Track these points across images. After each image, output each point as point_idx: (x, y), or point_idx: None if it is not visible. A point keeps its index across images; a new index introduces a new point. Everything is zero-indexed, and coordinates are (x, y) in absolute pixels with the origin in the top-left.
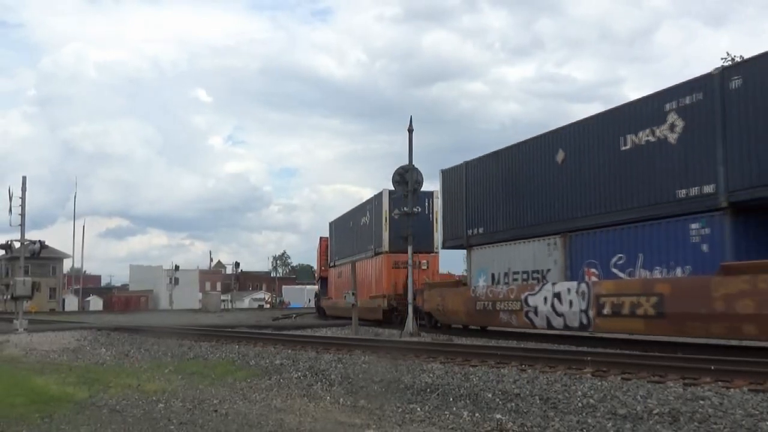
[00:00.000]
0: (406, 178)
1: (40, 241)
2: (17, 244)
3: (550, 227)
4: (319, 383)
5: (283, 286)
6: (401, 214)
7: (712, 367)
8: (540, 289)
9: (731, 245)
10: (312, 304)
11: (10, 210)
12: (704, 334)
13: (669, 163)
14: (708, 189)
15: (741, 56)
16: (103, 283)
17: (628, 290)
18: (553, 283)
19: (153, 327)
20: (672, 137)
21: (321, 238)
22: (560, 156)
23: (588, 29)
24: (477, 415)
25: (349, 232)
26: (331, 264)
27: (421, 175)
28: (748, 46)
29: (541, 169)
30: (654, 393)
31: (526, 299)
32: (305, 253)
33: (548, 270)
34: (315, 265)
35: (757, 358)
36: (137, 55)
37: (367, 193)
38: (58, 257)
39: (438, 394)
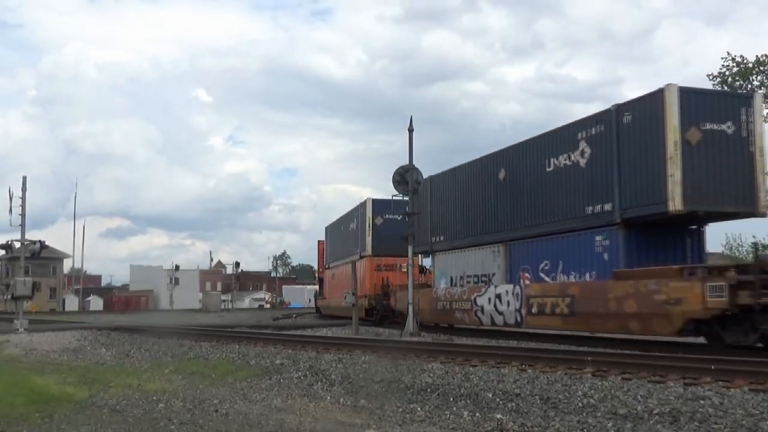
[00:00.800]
0: (407, 178)
1: (40, 241)
2: (17, 244)
3: (495, 236)
4: (319, 383)
5: (284, 286)
6: (384, 221)
7: (713, 367)
8: (485, 291)
9: (623, 254)
10: (312, 304)
11: (11, 210)
12: (603, 330)
13: (580, 183)
14: (607, 207)
15: (741, 56)
16: (104, 283)
17: (549, 292)
18: (496, 286)
19: (153, 327)
20: (582, 162)
21: (319, 241)
22: (502, 174)
23: (588, 29)
24: (477, 415)
25: (340, 237)
26: (326, 266)
27: (421, 175)
28: (749, 46)
29: (488, 185)
30: (654, 393)
31: (475, 299)
32: (305, 253)
33: (493, 274)
34: (316, 266)
35: (758, 358)
36: (138, 55)
37: (367, 193)
38: (58, 257)
39: (438, 394)
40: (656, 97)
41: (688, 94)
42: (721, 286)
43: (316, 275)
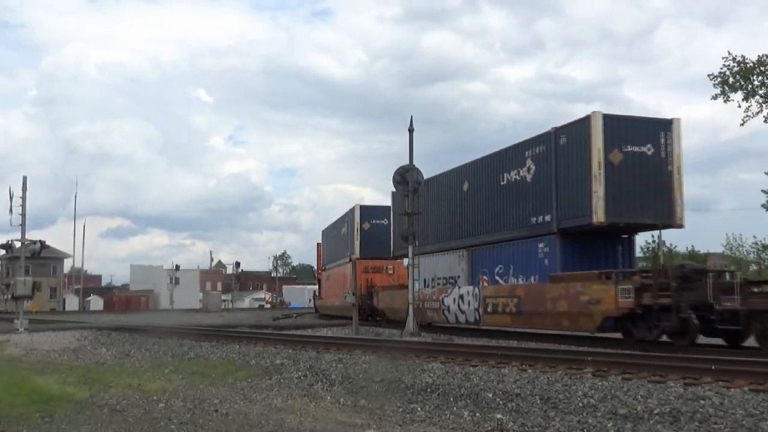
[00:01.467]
0: (407, 177)
1: (40, 240)
2: (18, 244)
3: (460, 242)
4: (319, 383)
5: (284, 286)
6: (371, 225)
7: (713, 367)
8: (451, 292)
9: (560, 260)
10: (312, 304)
11: (11, 210)
12: (542, 326)
13: (527, 196)
14: (547, 218)
15: (742, 56)
16: (104, 282)
17: (501, 293)
18: (459, 287)
19: (154, 327)
20: (529, 177)
21: (318, 243)
22: (466, 186)
23: (588, 29)
24: (478, 414)
25: (334, 240)
26: (323, 268)
27: (421, 174)
28: (749, 46)
29: (454, 196)
30: (654, 393)
31: (442, 300)
32: (306, 253)
33: (458, 276)
34: (315, 266)
35: (758, 359)
36: (138, 56)
37: (367, 193)
38: (58, 257)
39: (438, 394)
40: (585, 122)
41: (611, 120)
42: (629, 289)
43: (316, 276)
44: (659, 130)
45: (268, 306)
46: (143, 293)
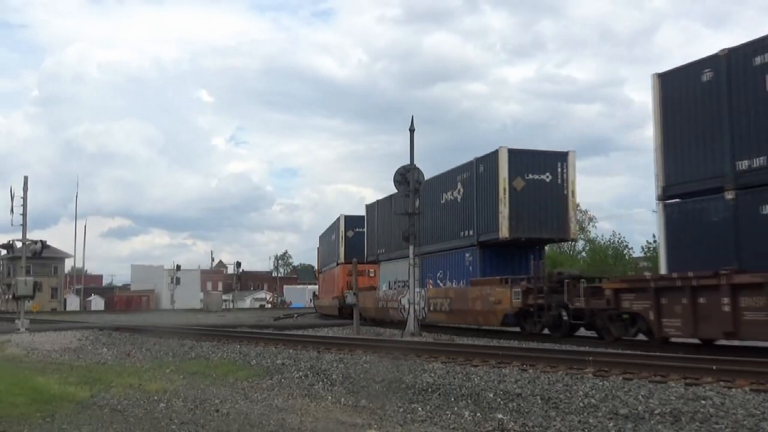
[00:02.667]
0: (408, 177)
1: (41, 240)
2: (19, 244)
3: (414, 251)
4: (320, 383)
5: (285, 286)
6: (354, 233)
7: (714, 367)
8: (406, 294)
9: (480, 268)
10: (313, 303)
11: (12, 210)
12: (465, 322)
13: (457, 214)
14: (471, 233)
15: None
16: (105, 282)
17: (439, 295)
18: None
19: (154, 327)
20: (459, 198)
21: (318, 247)
22: (417, 203)
23: (588, 30)
24: (478, 414)
25: (326, 246)
26: (320, 270)
27: (422, 174)
28: None
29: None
30: (655, 393)
31: (400, 300)
32: (306, 253)
33: (402, 282)
34: (316, 267)
35: (759, 358)
36: (139, 56)
37: (368, 193)
38: (59, 257)
39: (439, 394)
40: (495, 155)
41: (515, 153)
42: (518, 292)
43: (316, 277)
44: (557, 160)
45: (269, 306)
46: (144, 293)
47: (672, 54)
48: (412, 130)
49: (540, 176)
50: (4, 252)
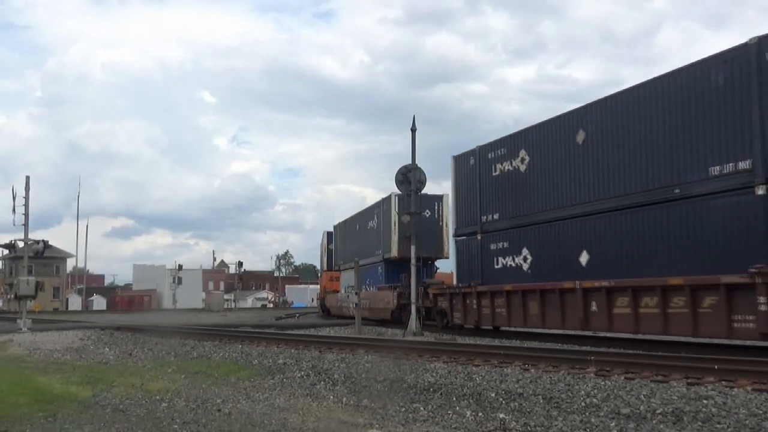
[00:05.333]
0: (409, 177)
1: (43, 240)
2: (21, 244)
3: (360, 263)
4: (322, 382)
5: (287, 286)
6: (331, 244)
7: (716, 367)
8: (351, 296)
9: (385, 277)
10: (315, 303)
11: (14, 210)
12: (375, 317)
13: (374, 238)
14: (379, 252)
15: None
16: (107, 282)
17: (366, 297)
18: (355, 293)
19: (156, 326)
20: (375, 226)
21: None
22: (357, 227)
23: (589, 31)
24: (480, 414)
25: (322, 252)
26: (319, 273)
27: (424, 174)
28: None
29: (354, 233)
30: (657, 392)
31: (349, 300)
32: (308, 253)
33: (353, 286)
34: (319, 266)
35: (761, 358)
36: (142, 56)
37: (369, 193)
38: (61, 257)
39: (441, 394)
40: (389, 198)
41: (402, 197)
42: (395, 295)
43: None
44: (435, 201)
45: (271, 306)
46: (146, 293)
47: (672, 54)
48: (413, 130)
49: (421, 213)
50: (6, 252)
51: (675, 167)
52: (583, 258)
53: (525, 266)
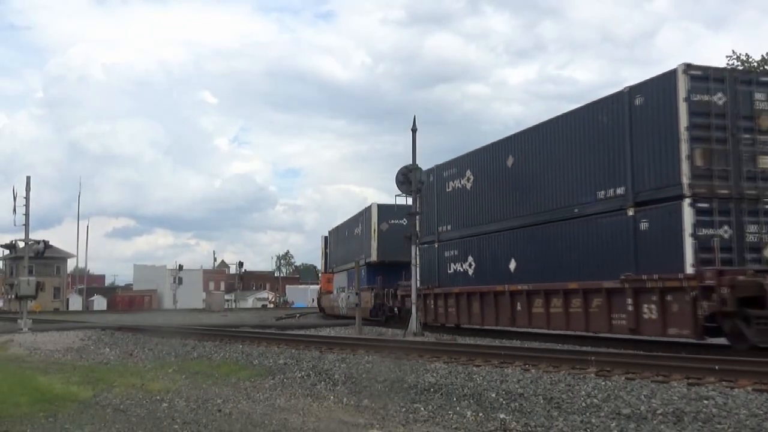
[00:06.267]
0: (410, 177)
1: (44, 240)
2: (21, 244)
3: (344, 266)
4: (322, 383)
5: (287, 286)
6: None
7: (716, 367)
8: (339, 296)
9: (367, 279)
10: (315, 303)
11: (14, 210)
12: (363, 314)
13: (359, 244)
14: (363, 257)
15: (747, 54)
16: (107, 282)
17: (350, 296)
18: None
19: (157, 327)
20: (360, 233)
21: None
22: (346, 233)
23: (590, 32)
24: (480, 414)
25: (321, 255)
26: (319, 274)
27: (425, 174)
28: (749, 48)
29: (344, 240)
30: (658, 393)
31: (338, 300)
32: (309, 253)
33: (344, 287)
34: (320, 266)
35: (762, 358)
36: (144, 57)
37: (371, 194)
38: (62, 257)
39: (442, 394)
40: (369, 210)
41: (383, 207)
42: (373, 295)
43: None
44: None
45: (271, 306)
46: (147, 293)
47: (673, 55)
48: (414, 130)
49: (399, 221)
50: (7, 252)
51: (575, 190)
52: (512, 265)
53: (470, 271)
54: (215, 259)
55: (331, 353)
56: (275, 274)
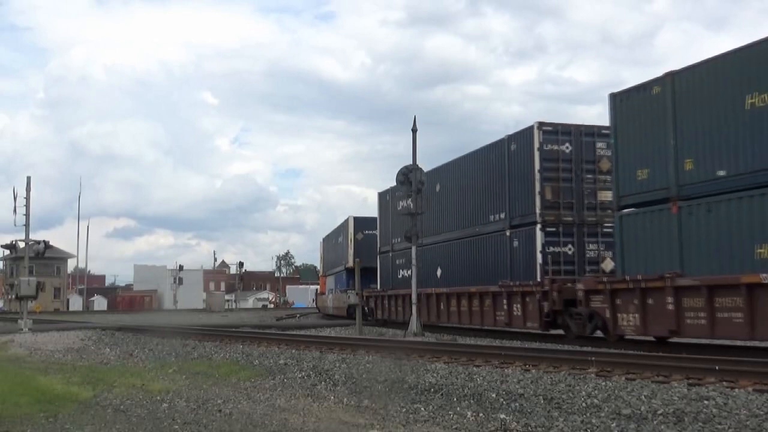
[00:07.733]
0: (410, 177)
1: (44, 241)
2: (22, 244)
3: (334, 270)
4: (322, 383)
5: (287, 286)
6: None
7: (717, 368)
8: (328, 296)
9: (346, 282)
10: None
11: (15, 210)
12: (339, 314)
13: (341, 251)
14: (343, 262)
15: None
16: (108, 282)
17: (335, 297)
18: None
19: (157, 327)
20: (342, 241)
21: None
22: (334, 241)
23: (590, 33)
24: (481, 415)
25: (320, 259)
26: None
27: (425, 174)
28: None
29: (332, 247)
30: (658, 393)
31: (327, 301)
32: (309, 253)
33: (332, 289)
34: (319, 267)
35: (762, 359)
36: (145, 58)
37: (371, 194)
38: (62, 257)
39: (442, 394)
40: (347, 221)
41: (357, 219)
42: (348, 296)
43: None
44: (377, 223)
45: (272, 306)
46: (147, 293)
47: (673, 56)
48: (414, 131)
49: (372, 232)
50: (7, 252)
51: (476, 214)
52: (439, 272)
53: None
54: (216, 260)
55: (332, 353)
56: (275, 275)
